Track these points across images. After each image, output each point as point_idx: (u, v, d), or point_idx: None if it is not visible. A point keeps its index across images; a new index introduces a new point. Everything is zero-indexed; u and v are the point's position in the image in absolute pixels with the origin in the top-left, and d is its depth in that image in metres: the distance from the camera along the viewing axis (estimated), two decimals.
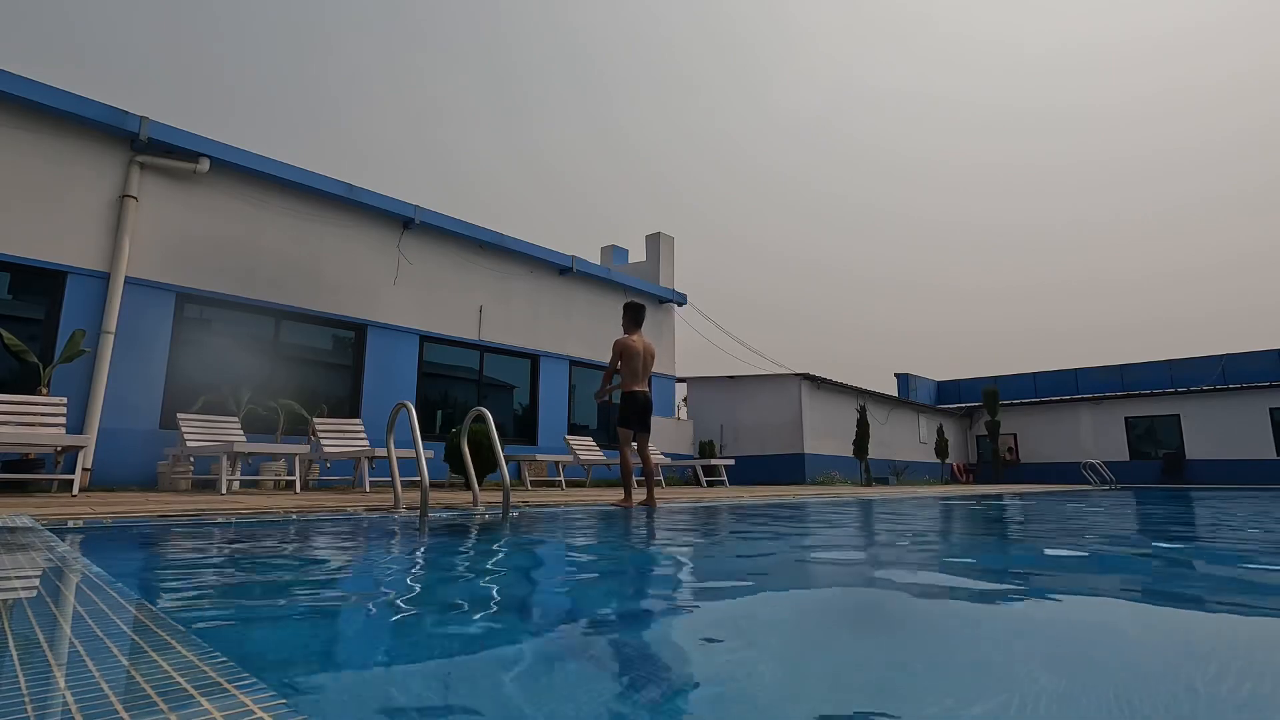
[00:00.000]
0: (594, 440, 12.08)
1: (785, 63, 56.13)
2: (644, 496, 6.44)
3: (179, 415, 7.42)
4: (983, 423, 24.83)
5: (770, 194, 58.97)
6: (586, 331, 13.50)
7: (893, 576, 2.26)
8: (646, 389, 6.39)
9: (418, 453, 4.63)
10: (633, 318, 6.45)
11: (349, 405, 10.00)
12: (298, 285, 9.54)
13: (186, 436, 7.18)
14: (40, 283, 7.57)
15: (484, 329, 11.80)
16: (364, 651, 1.34)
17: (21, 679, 0.85)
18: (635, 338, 6.37)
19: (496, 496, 5.97)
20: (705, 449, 15.21)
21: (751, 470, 17.28)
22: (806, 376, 17.74)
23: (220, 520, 3.86)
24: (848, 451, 18.07)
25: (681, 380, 19.04)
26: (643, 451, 6.41)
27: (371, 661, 1.26)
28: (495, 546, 3.17)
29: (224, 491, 6.34)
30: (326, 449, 8.12)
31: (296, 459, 7.33)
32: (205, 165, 8.55)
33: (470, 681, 1.11)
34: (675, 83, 58.35)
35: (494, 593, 1.99)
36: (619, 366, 6.32)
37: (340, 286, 10.02)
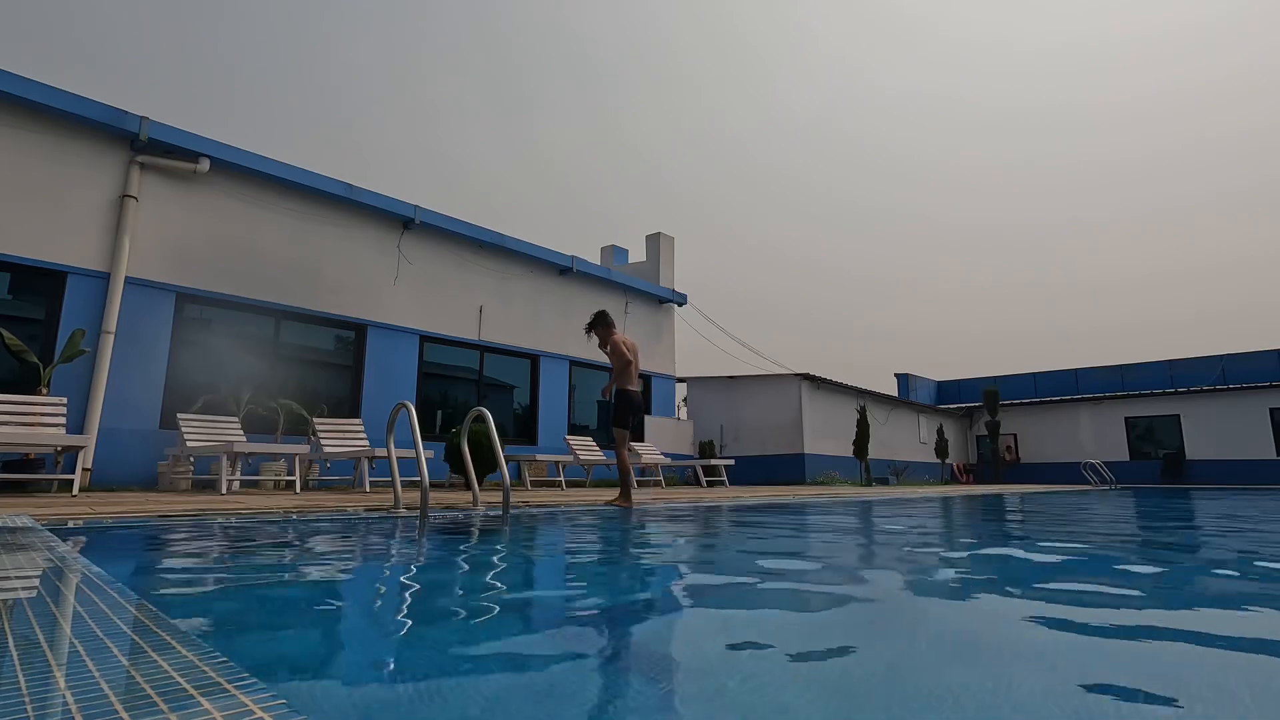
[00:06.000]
0: (594, 440, 12.07)
1: (786, 62, 56.11)
2: (640, 496, 6.44)
3: (179, 415, 7.41)
4: (983, 423, 24.82)
5: (770, 194, 58.97)
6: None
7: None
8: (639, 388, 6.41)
9: (418, 453, 4.63)
10: (604, 322, 6.47)
11: (349, 405, 10.00)
12: (298, 285, 9.54)
13: (186, 436, 7.18)
14: (40, 283, 7.57)
15: (484, 329, 11.80)
16: (363, 651, 1.34)
17: (21, 679, 0.85)
18: (623, 336, 6.43)
19: (496, 496, 5.97)
20: (705, 449, 15.20)
21: (751, 470, 17.28)
22: (806, 376, 17.73)
23: (220, 520, 3.86)
24: (848, 452, 18.06)
25: (681, 380, 19.04)
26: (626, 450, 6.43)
27: (371, 661, 1.26)
28: (496, 547, 3.17)
29: (224, 491, 6.34)
30: (326, 449, 8.12)
31: (296, 459, 7.33)
32: (205, 165, 8.55)
33: (470, 681, 1.11)
34: (676, 82, 58.34)
35: (494, 593, 1.99)
36: (617, 363, 6.33)
37: (340, 286, 10.02)
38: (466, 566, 2.54)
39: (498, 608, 1.74)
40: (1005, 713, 0.95)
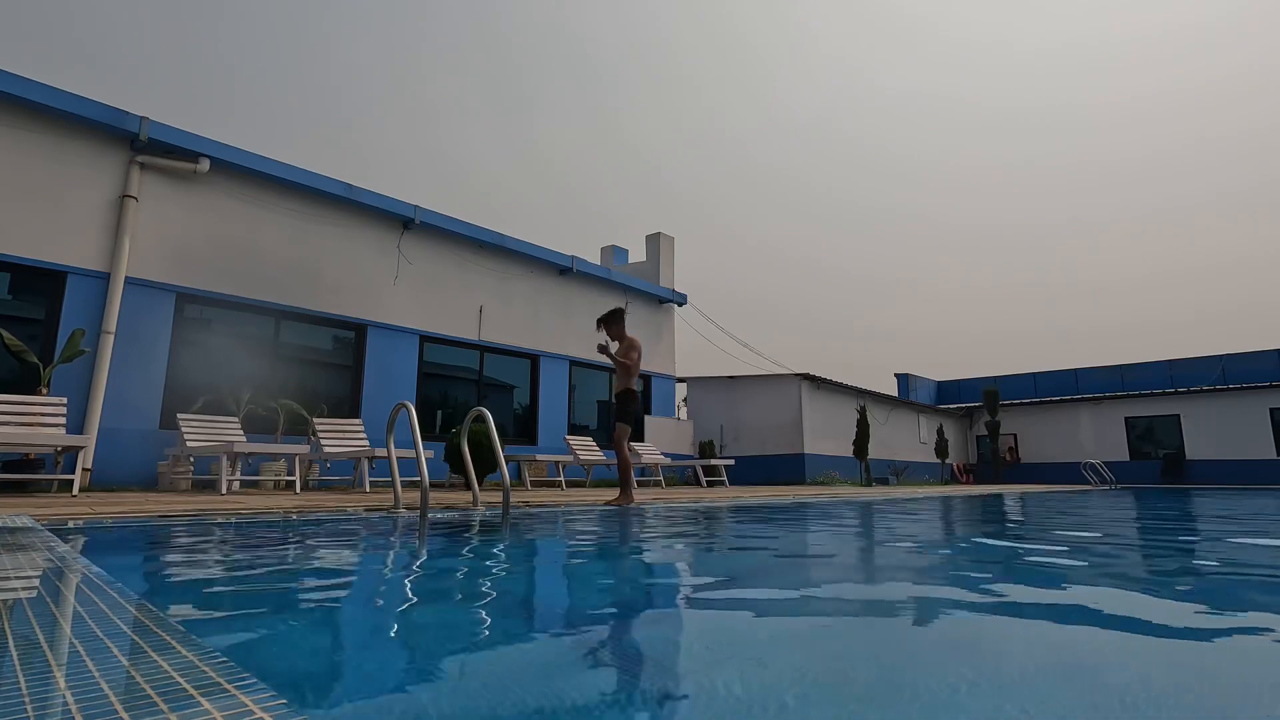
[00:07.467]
0: (594, 440, 12.07)
1: (786, 62, 56.14)
2: (640, 496, 6.44)
3: (179, 415, 7.41)
4: (983, 423, 24.82)
5: (770, 194, 59.03)
6: (586, 331, 13.49)
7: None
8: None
9: (418, 453, 4.63)
10: (620, 319, 6.54)
11: (349, 405, 10.00)
12: (298, 285, 9.54)
13: (186, 436, 7.18)
14: (40, 283, 7.57)
15: (484, 329, 11.80)
16: (362, 651, 1.34)
17: (21, 679, 0.85)
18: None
19: (496, 496, 5.97)
20: (705, 449, 15.20)
21: (751, 470, 17.28)
22: (806, 376, 17.73)
23: (220, 520, 3.86)
24: (848, 451, 18.06)
25: (681, 380, 19.04)
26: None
27: (370, 661, 1.26)
28: (496, 547, 3.17)
29: (224, 491, 6.34)
30: (326, 449, 8.12)
31: (296, 459, 7.33)
32: (205, 165, 8.55)
33: (468, 680, 1.11)
34: (676, 82, 58.39)
35: (494, 593, 1.99)
36: (631, 362, 6.35)
37: (340, 286, 10.02)
38: (466, 566, 2.54)
39: (496, 608, 1.74)
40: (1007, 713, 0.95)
